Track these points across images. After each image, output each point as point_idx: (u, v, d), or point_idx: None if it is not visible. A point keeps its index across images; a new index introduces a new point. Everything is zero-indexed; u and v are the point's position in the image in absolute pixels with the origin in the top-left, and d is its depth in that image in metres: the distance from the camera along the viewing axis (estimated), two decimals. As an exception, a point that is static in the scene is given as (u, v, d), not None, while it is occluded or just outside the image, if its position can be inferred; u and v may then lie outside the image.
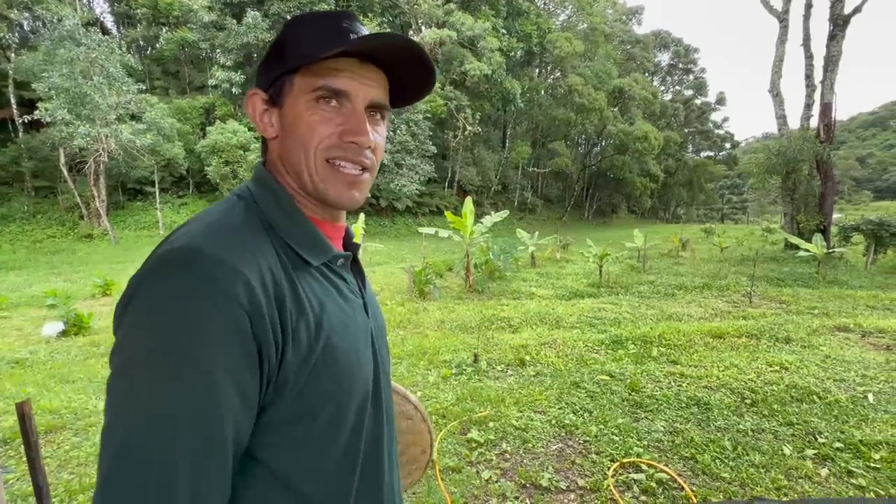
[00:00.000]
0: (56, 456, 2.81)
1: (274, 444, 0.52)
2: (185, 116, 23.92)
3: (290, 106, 0.57)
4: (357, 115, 0.58)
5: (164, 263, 0.47)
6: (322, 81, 0.56)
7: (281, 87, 0.58)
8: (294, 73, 0.57)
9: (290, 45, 0.57)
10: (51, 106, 16.60)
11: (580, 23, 43.64)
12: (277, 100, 0.58)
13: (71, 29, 17.25)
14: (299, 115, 0.57)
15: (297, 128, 0.57)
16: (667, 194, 54.71)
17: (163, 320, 0.45)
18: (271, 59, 0.59)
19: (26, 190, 20.46)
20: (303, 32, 0.58)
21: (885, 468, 2.48)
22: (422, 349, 4.77)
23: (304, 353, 0.52)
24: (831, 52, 13.84)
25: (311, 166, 0.58)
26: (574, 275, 10.71)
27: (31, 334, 6.22)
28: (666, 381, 3.74)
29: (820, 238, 10.84)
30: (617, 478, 2.48)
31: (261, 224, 0.56)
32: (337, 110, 0.57)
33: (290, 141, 0.58)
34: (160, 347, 0.44)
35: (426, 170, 27.62)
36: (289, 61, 0.57)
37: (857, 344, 4.65)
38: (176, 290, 0.45)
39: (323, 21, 0.58)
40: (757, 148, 36.41)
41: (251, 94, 0.60)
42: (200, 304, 0.45)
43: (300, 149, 0.57)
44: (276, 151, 0.61)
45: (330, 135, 0.57)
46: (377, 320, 0.70)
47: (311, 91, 0.56)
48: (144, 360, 0.45)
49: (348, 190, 0.59)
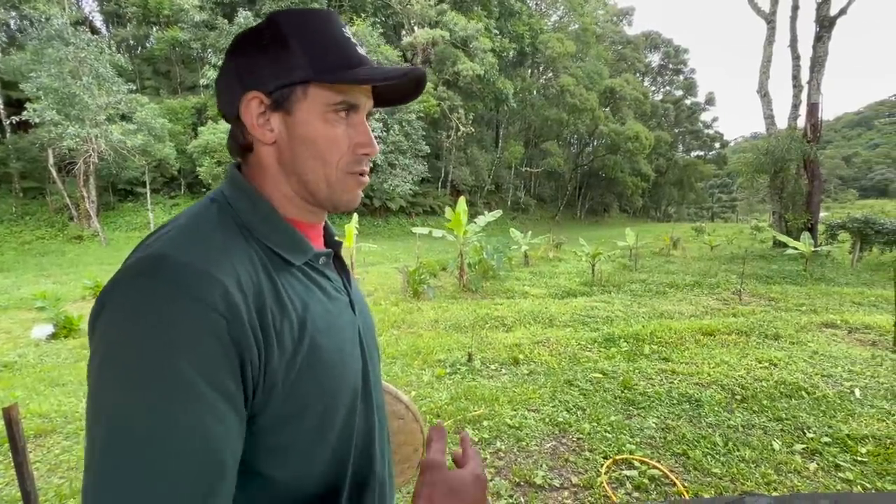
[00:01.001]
0: (45, 460, 2.78)
1: (263, 448, 0.51)
2: (177, 116, 23.70)
3: (303, 115, 0.56)
4: (365, 127, 0.60)
5: (133, 272, 0.47)
6: (343, 97, 0.57)
7: (290, 93, 0.55)
8: (309, 83, 0.55)
9: (306, 50, 0.55)
10: (39, 106, 16.36)
11: (572, 23, 43.86)
12: (283, 105, 0.56)
13: (59, 28, 17.00)
14: (316, 127, 0.56)
15: (315, 140, 0.57)
16: (658, 193, 55.15)
17: (134, 330, 0.43)
18: (270, 57, 0.55)
19: (14, 191, 20.15)
20: (312, 37, 0.56)
21: (872, 461, 2.52)
22: (416, 349, 4.78)
23: (289, 355, 0.51)
24: (818, 53, 14.05)
25: (331, 178, 0.59)
26: (567, 274, 10.77)
27: (20, 337, 6.14)
28: (658, 379, 3.78)
29: (807, 236, 11.01)
30: (610, 475, 2.51)
31: (237, 227, 0.54)
32: (346, 120, 0.58)
33: (302, 151, 0.57)
34: (133, 358, 0.43)
35: (419, 170, 27.59)
36: (307, 69, 0.54)
37: (844, 340, 4.73)
38: (146, 298, 0.44)
39: (323, 26, 0.57)
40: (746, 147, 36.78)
41: (251, 97, 0.56)
42: (172, 310, 0.44)
43: (317, 160, 0.57)
44: (274, 156, 0.58)
45: (347, 149, 0.58)
46: (364, 317, 0.69)
47: (330, 104, 0.56)
48: (119, 373, 0.43)
49: (358, 191, 0.62)
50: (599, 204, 48.04)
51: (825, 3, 13.94)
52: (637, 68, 55.29)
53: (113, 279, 0.47)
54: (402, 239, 24.01)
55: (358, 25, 26.32)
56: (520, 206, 38.54)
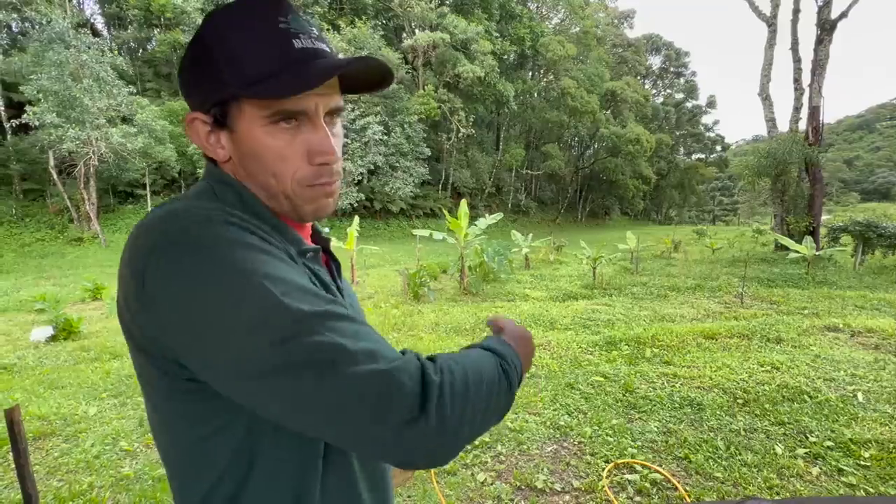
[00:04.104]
0: (45, 463, 2.77)
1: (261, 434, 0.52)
2: (178, 119, 23.73)
3: (245, 131, 0.52)
4: (319, 133, 0.54)
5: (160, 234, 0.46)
6: (279, 107, 0.51)
7: (225, 109, 0.52)
8: (239, 98, 0.51)
9: (227, 61, 0.50)
10: (39, 109, 16.40)
11: (573, 26, 43.95)
12: (224, 122, 0.53)
13: (60, 31, 17.05)
14: (259, 141, 0.52)
15: (261, 156, 0.53)
16: (659, 196, 55.16)
17: (206, 267, 0.44)
18: (201, 73, 0.52)
19: (15, 193, 20.17)
20: (235, 45, 0.50)
21: (875, 466, 2.51)
22: (416, 351, 4.76)
23: None
24: (819, 56, 14.05)
25: (287, 191, 0.55)
26: (568, 276, 10.75)
27: (20, 339, 6.12)
28: (659, 382, 3.76)
29: (809, 239, 10.97)
30: (611, 479, 2.49)
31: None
32: (297, 128, 0.53)
33: (253, 166, 0.54)
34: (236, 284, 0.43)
35: (420, 172, 27.63)
36: (231, 84, 0.50)
37: (847, 343, 4.71)
38: (193, 240, 0.45)
39: (254, 23, 0.50)
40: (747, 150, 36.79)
41: (191, 118, 0.54)
42: (225, 234, 0.46)
43: (269, 175, 0.54)
44: (232, 171, 0.57)
45: (301, 160, 0.54)
46: (356, 312, 0.68)
47: (266, 116, 0.51)
48: (243, 297, 0.43)
49: (325, 200, 0.58)
50: (600, 207, 48.04)
51: (826, 6, 13.95)
52: (638, 71, 55.37)
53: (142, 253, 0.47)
54: (403, 241, 24.03)
55: (359, 28, 26.42)
56: (520, 208, 38.55)
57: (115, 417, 3.41)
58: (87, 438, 3.06)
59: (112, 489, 2.49)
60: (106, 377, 4.32)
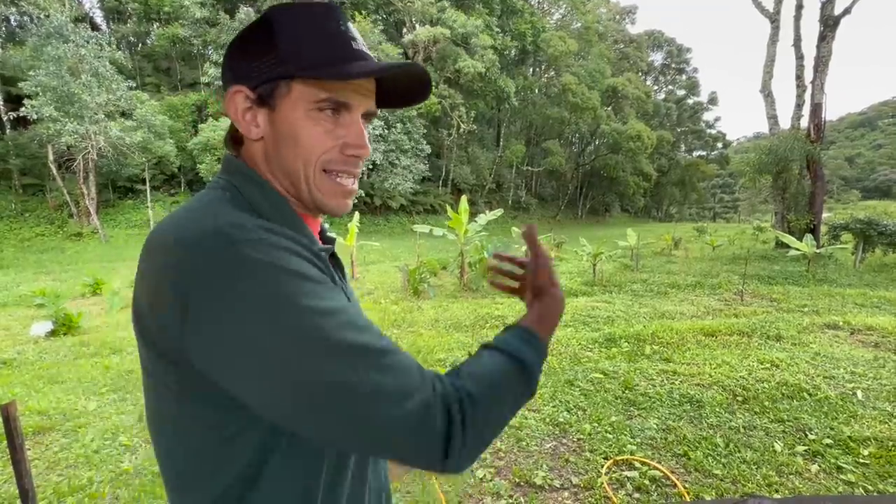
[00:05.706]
0: (44, 458, 2.77)
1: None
2: (177, 113, 23.71)
3: (287, 111, 0.55)
4: (357, 128, 0.57)
5: (208, 256, 0.45)
6: (328, 94, 0.54)
7: (274, 88, 0.54)
8: (293, 79, 0.54)
9: (289, 40, 0.53)
10: (37, 103, 16.35)
11: (574, 22, 43.79)
12: (268, 101, 0.55)
13: (59, 25, 16.99)
14: (299, 124, 0.55)
15: (298, 137, 0.55)
16: (659, 193, 55.06)
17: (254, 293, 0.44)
18: (258, 53, 0.55)
19: (14, 188, 20.17)
20: (301, 33, 0.54)
21: (874, 464, 2.51)
22: (416, 348, 4.76)
23: None
24: (821, 52, 13.98)
25: (309, 176, 0.57)
26: (568, 273, 10.74)
27: (19, 334, 6.13)
28: (659, 379, 3.76)
29: (810, 237, 10.96)
30: (611, 475, 2.49)
31: (251, 213, 0.54)
32: (335, 120, 0.56)
33: (285, 148, 0.56)
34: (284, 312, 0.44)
35: (420, 168, 27.58)
36: (289, 63, 0.53)
37: (847, 341, 4.71)
38: (241, 266, 0.45)
39: (318, 20, 0.55)
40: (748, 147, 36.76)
41: (235, 90, 0.56)
42: (275, 261, 0.46)
43: (299, 159, 0.56)
44: (261, 153, 0.58)
45: (332, 147, 0.56)
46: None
47: (314, 101, 0.54)
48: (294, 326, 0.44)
49: (344, 200, 0.60)
50: (601, 203, 47.99)
51: (829, 2, 13.87)
52: (639, 67, 55.16)
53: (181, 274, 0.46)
54: (403, 237, 24.01)
55: (359, 22, 26.29)
56: (521, 205, 38.51)
57: (115, 412, 3.41)
58: (87, 433, 3.06)
59: (111, 484, 2.49)
60: (105, 372, 4.32)
